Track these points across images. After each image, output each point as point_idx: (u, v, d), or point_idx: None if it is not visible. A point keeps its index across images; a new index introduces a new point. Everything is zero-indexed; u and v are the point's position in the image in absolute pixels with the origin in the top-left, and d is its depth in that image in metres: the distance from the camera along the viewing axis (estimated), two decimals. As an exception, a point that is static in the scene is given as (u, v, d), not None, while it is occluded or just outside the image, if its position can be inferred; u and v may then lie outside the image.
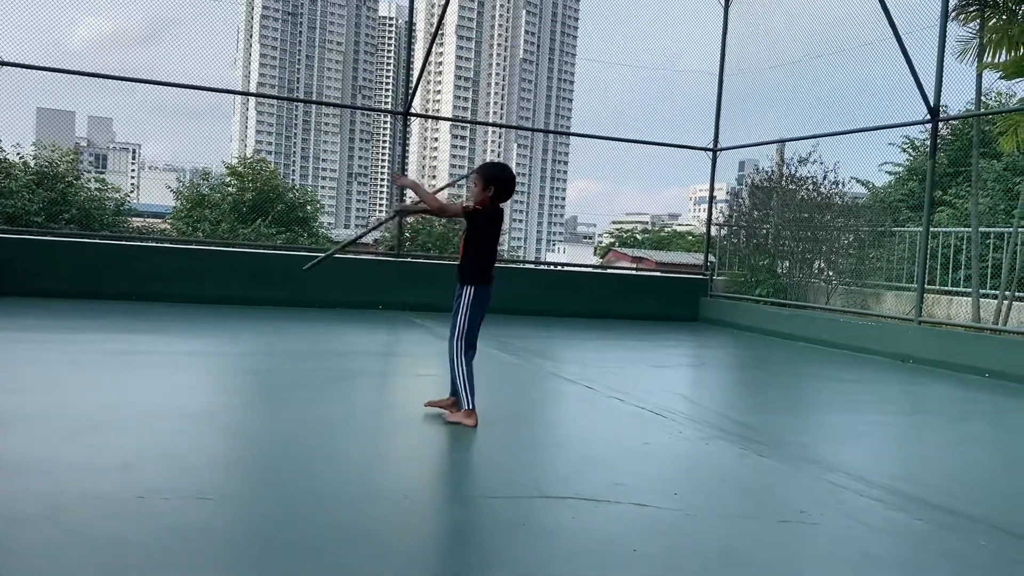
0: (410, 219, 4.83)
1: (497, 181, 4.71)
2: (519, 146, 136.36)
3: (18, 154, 19.57)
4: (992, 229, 12.60)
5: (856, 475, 4.12)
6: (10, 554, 2.54)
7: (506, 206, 4.96)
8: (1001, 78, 10.32)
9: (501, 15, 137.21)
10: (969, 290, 10.71)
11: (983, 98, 12.53)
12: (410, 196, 5.23)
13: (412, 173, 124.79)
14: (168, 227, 24.93)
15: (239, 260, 10.79)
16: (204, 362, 6.50)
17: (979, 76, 10.40)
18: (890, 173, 21.53)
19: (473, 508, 3.35)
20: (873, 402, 6.76)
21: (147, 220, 26.71)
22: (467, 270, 4.75)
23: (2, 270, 9.34)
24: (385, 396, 5.94)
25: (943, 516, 3.57)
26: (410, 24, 13.08)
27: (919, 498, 3.82)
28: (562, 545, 2.95)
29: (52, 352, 6.28)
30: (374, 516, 3.15)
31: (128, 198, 24.42)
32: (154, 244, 11.16)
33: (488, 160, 5.74)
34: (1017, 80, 10.37)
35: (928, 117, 9.43)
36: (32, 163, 20.01)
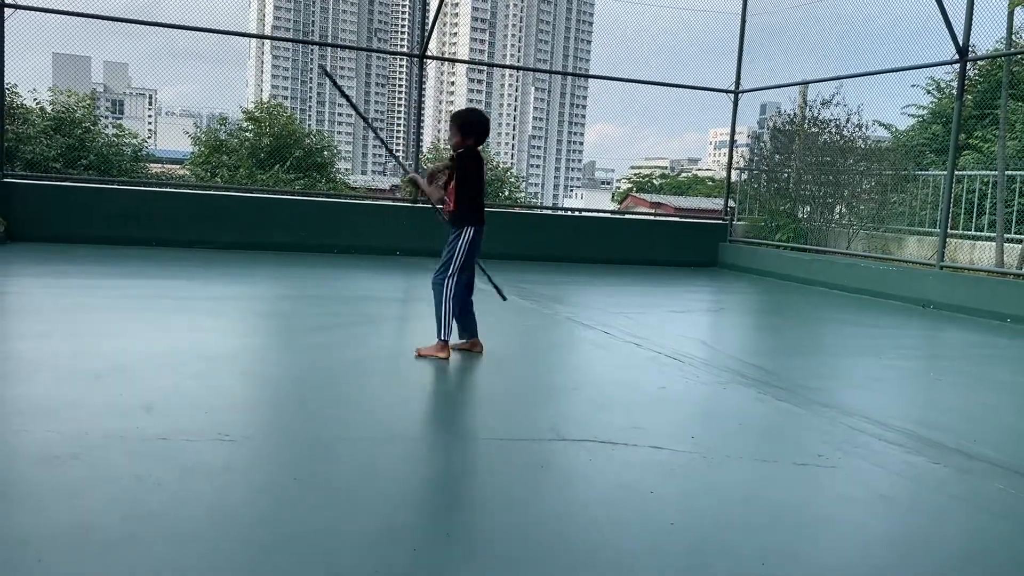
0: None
1: (473, 126, 4.89)
2: (537, 89, 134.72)
3: (35, 100, 19.53)
4: (1018, 172, 12.36)
5: (874, 419, 4.12)
6: (39, 492, 2.60)
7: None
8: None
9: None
10: (993, 235, 10.56)
11: (1013, 37, 12.18)
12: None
13: (428, 118, 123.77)
14: (186, 173, 24.93)
15: (258, 206, 10.81)
16: (224, 306, 6.56)
17: (1010, 14, 10.10)
18: (913, 116, 21.08)
19: (492, 450, 3.38)
20: (892, 347, 6.73)
21: (165, 166, 26.70)
22: (463, 215, 4.90)
23: (22, 216, 9.40)
24: (402, 340, 5.97)
25: (961, 460, 3.57)
26: (426, -36, 12.84)
27: (937, 442, 3.82)
28: (580, 487, 2.98)
29: (74, 297, 6.35)
30: (395, 457, 3.19)
31: (146, 144, 24.36)
32: (173, 190, 11.18)
33: (466, 107, 6.06)
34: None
35: (956, 57, 9.20)
36: (49, 109, 19.97)
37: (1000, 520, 2.95)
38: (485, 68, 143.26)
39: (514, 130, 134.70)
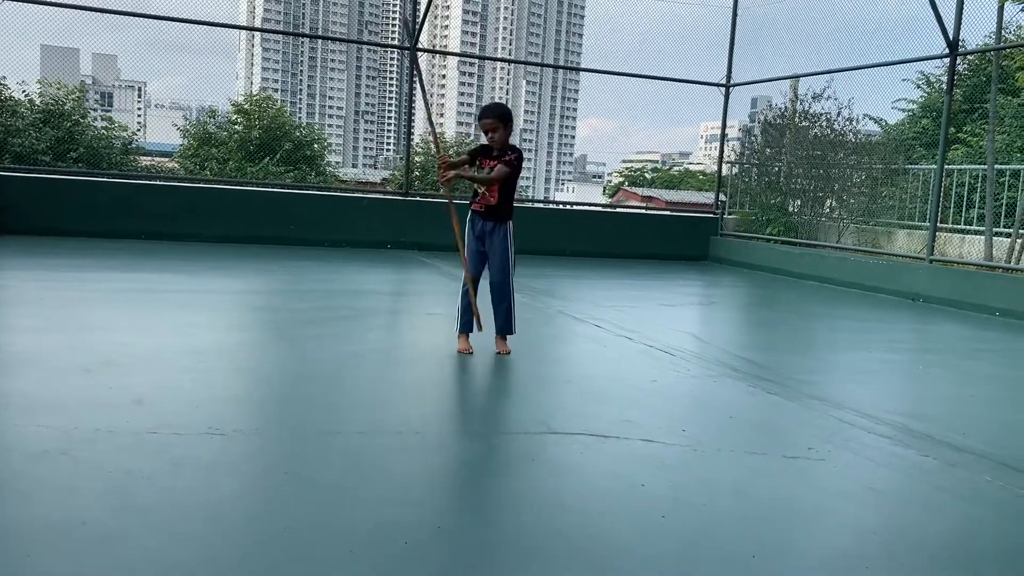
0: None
1: (511, 119, 4.98)
2: (528, 83, 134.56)
3: (24, 92, 19.42)
4: (1008, 167, 12.42)
5: (863, 412, 4.14)
6: (29, 487, 2.59)
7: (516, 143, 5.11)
8: (1024, 10, 10.06)
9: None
10: (982, 229, 10.62)
11: (1003, 32, 12.22)
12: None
13: (419, 111, 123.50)
14: (176, 166, 24.82)
15: (247, 199, 10.77)
16: (214, 300, 6.53)
17: (1000, 9, 10.13)
18: (903, 110, 21.17)
19: (484, 443, 3.38)
20: (882, 340, 6.76)
21: (155, 159, 26.59)
22: (505, 211, 4.96)
23: (11, 209, 9.35)
24: (395, 335, 5.97)
25: (949, 452, 3.60)
26: (417, -44, 12.78)
27: (926, 435, 3.84)
28: (571, 480, 2.98)
29: (63, 291, 6.32)
30: (387, 451, 3.19)
31: (135, 136, 24.27)
32: (162, 183, 11.12)
33: (493, 102, 6.26)
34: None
35: (947, 51, 9.23)
36: (38, 101, 19.86)
37: (987, 512, 2.97)
38: (476, 61, 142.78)
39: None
